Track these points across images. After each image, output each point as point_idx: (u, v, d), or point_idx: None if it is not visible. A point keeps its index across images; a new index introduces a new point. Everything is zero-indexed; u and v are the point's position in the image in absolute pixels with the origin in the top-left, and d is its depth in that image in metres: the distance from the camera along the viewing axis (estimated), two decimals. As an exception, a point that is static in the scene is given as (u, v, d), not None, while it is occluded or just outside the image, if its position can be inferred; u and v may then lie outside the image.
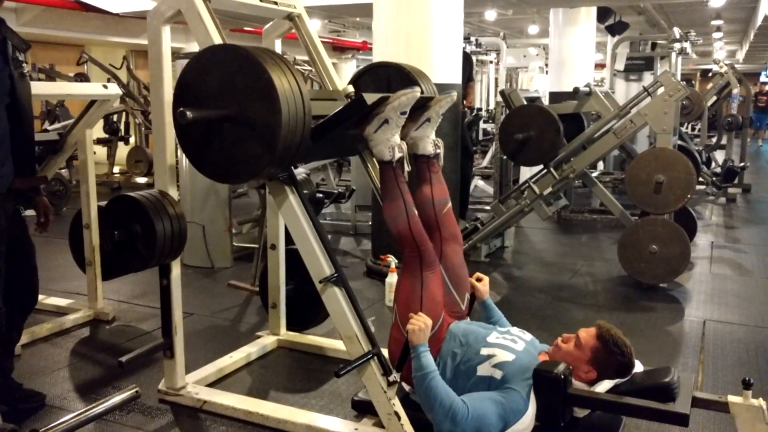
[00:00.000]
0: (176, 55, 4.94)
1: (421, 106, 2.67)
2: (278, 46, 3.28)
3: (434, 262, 2.54)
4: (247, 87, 2.19)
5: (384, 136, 2.50)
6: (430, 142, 2.71)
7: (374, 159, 2.67)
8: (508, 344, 2.40)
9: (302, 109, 2.22)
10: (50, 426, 1.97)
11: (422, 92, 2.83)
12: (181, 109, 2.18)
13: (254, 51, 2.21)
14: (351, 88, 3.16)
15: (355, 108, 2.42)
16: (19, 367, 3.34)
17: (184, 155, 5.28)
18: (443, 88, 4.72)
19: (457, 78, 4.90)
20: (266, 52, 2.26)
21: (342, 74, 15.88)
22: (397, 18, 4.70)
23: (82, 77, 10.12)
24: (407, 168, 2.65)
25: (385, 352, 2.51)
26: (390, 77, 3.10)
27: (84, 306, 4.08)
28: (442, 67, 4.71)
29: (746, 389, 2.16)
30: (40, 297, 4.24)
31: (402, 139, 2.60)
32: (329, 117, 2.43)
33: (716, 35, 15.60)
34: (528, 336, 2.53)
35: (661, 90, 4.75)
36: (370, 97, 2.40)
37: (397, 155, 2.52)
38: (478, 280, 2.78)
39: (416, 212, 2.55)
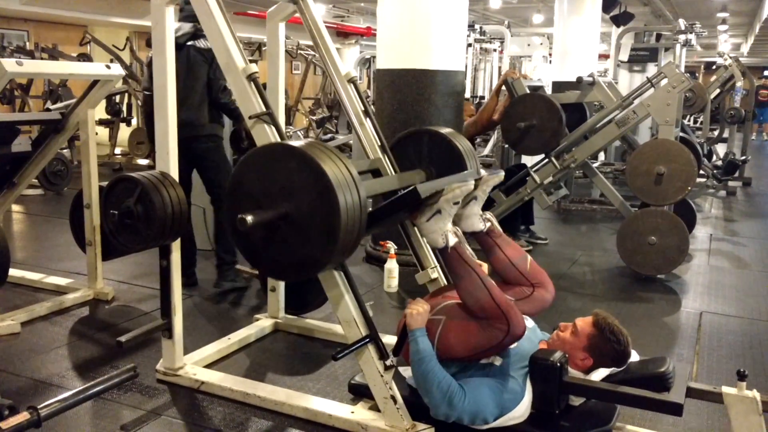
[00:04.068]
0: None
1: None
2: (282, 30, 3.28)
3: (520, 337, 2.32)
4: (306, 189, 2.13)
5: (436, 226, 2.44)
6: (478, 218, 2.64)
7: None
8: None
9: (359, 209, 2.16)
10: (48, 403, 1.98)
11: (465, 167, 2.87)
12: (241, 216, 2.09)
13: (311, 151, 2.14)
14: (353, 73, 3.17)
15: (408, 200, 2.40)
16: (17, 344, 3.37)
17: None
18: (447, 74, 4.76)
19: (460, 65, 4.89)
20: (323, 150, 2.19)
21: (345, 59, 15.85)
22: (401, 4, 4.68)
23: (85, 57, 10.08)
24: (468, 247, 2.57)
25: (383, 337, 2.53)
26: (431, 146, 3.08)
27: (84, 286, 4.09)
28: (445, 54, 4.70)
29: (740, 380, 2.17)
30: (40, 276, 4.30)
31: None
32: (382, 207, 2.46)
33: (721, 28, 15.55)
34: (530, 323, 2.54)
35: (664, 81, 4.74)
36: (424, 190, 2.38)
37: (452, 241, 2.44)
38: (478, 266, 2.79)
39: (493, 282, 2.41)
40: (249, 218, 2.10)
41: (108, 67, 3.76)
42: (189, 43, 4.00)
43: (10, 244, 4.36)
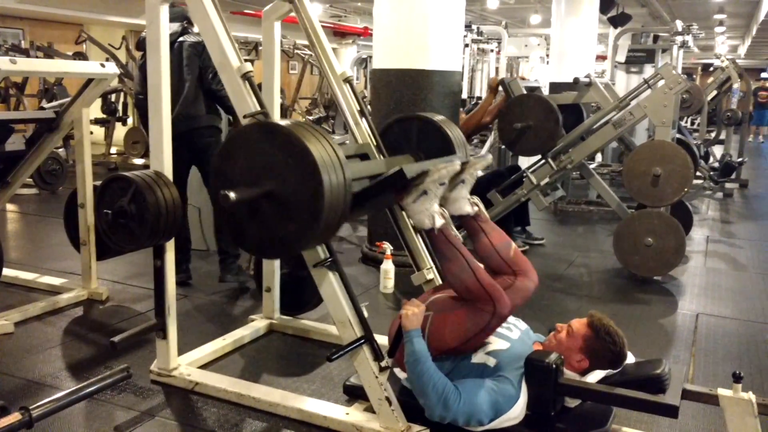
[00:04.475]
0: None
1: None
2: (278, 29, 3.26)
3: (507, 309, 2.36)
4: (290, 167, 2.12)
5: (422, 207, 2.44)
6: (466, 202, 2.63)
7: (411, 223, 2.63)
8: (504, 332, 2.41)
9: (344, 189, 2.15)
10: (40, 403, 1.96)
11: (453, 150, 2.84)
12: (224, 192, 2.09)
13: (296, 130, 2.14)
14: (349, 73, 3.15)
15: (394, 181, 2.39)
16: (11, 344, 3.35)
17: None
18: (443, 75, 4.75)
19: (456, 66, 4.88)
20: (308, 129, 2.19)
21: (342, 59, 15.83)
22: (398, 3, 4.67)
23: (80, 56, 10.06)
24: (453, 229, 2.58)
25: (378, 338, 2.52)
26: (420, 131, 3.07)
27: (78, 286, 4.07)
28: (442, 55, 4.69)
29: (736, 382, 2.16)
30: (34, 276, 4.28)
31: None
32: (368, 188, 2.44)
33: (719, 29, 15.59)
34: (523, 325, 2.54)
35: (661, 83, 4.74)
36: (410, 170, 2.37)
37: (438, 223, 2.44)
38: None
39: (479, 264, 2.45)
40: (232, 195, 2.10)
41: (102, 65, 3.75)
42: (179, 39, 4.06)
43: (4, 244, 4.34)
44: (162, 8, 2.69)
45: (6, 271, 3.98)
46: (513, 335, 2.40)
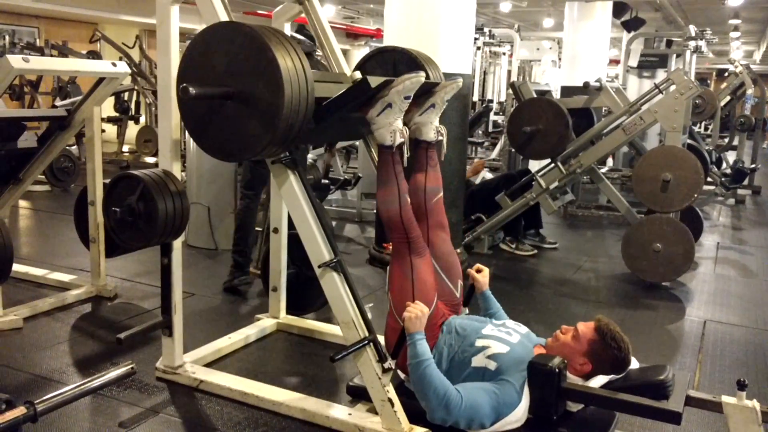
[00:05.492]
0: (186, 36, 4.94)
1: (427, 91, 2.65)
2: (287, 30, 3.28)
3: (423, 249, 2.56)
4: (251, 65, 2.19)
5: (386, 120, 2.48)
6: (432, 128, 2.70)
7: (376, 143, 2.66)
8: (503, 336, 2.40)
9: (305, 90, 2.21)
10: (45, 398, 1.98)
11: (427, 77, 2.82)
12: (184, 85, 2.16)
13: (259, 29, 2.20)
14: (358, 74, 3.15)
15: (358, 91, 2.40)
16: (19, 339, 3.38)
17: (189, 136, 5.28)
18: (451, 77, 4.72)
19: (466, 68, 4.87)
20: (271, 30, 2.25)
21: (354, 61, 15.82)
22: (408, 6, 4.67)
23: (94, 55, 10.14)
24: (406, 155, 2.63)
25: (381, 339, 2.52)
26: (397, 62, 3.09)
27: (87, 282, 4.10)
28: (451, 57, 4.68)
29: (740, 390, 2.15)
30: (44, 272, 4.32)
31: (405, 124, 2.58)
32: (332, 99, 2.42)
33: (734, 35, 15.46)
34: (523, 329, 2.54)
35: (672, 88, 4.71)
36: (374, 80, 2.39)
37: (398, 140, 2.50)
38: (478, 271, 2.79)
39: (409, 200, 2.56)
40: (192, 89, 2.15)
41: (114, 64, 3.78)
42: None
43: (15, 240, 4.38)
44: (173, 8, 2.71)
45: (17, 267, 4.01)
46: (512, 339, 2.39)
